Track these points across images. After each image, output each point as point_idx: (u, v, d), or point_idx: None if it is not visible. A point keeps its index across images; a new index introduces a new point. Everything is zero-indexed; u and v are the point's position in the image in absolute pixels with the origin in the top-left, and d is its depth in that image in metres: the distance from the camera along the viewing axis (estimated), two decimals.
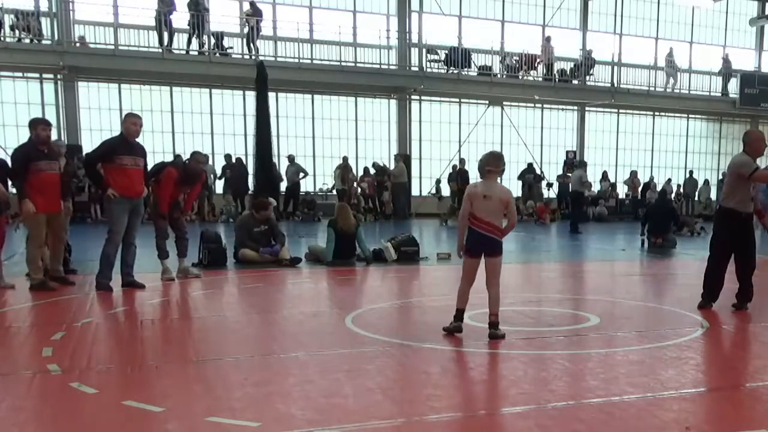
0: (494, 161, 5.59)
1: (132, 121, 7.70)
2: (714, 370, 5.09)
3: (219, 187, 20.72)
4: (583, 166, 18.98)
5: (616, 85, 25.44)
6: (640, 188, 25.18)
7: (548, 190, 25.00)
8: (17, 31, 18.97)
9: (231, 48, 20.94)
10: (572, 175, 18.91)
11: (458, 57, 23.00)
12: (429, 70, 23.26)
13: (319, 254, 10.48)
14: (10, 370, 4.50)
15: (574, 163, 22.09)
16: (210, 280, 8.65)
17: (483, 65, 23.75)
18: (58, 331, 5.55)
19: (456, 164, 22.67)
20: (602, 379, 4.50)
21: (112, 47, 19.77)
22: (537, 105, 25.47)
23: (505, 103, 24.86)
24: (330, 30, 21.73)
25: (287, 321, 6.38)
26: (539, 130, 25.83)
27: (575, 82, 25.27)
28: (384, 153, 23.35)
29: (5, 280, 7.75)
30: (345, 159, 21.46)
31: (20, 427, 3.56)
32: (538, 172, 24.82)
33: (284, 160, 21.23)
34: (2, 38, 18.73)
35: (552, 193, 24.92)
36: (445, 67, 23.39)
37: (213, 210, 20.00)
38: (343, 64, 21.87)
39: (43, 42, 19.34)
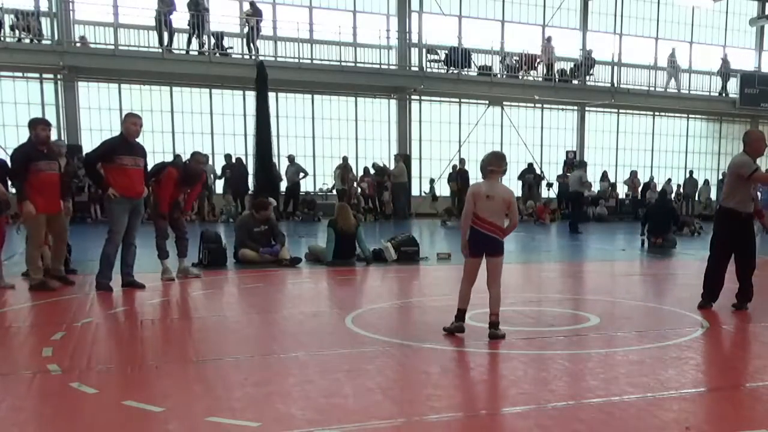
0: (497, 161, 5.59)
1: (132, 121, 7.69)
2: (714, 370, 5.09)
3: (219, 187, 20.74)
4: (583, 166, 18.97)
5: (616, 85, 25.45)
6: (640, 188, 25.19)
7: (548, 190, 25.01)
8: (17, 31, 18.98)
9: (231, 48, 20.95)
10: (572, 175, 18.90)
11: (458, 57, 23.01)
12: (429, 70, 23.27)
13: (319, 254, 10.48)
14: (10, 370, 4.49)
15: (574, 163, 22.08)
16: (210, 280, 8.65)
17: (483, 65, 23.75)
18: (58, 331, 5.55)
19: (456, 164, 22.68)
20: (602, 379, 4.49)
21: (112, 47, 19.79)
22: (537, 105, 25.48)
23: (505, 103, 24.87)
24: (330, 30, 21.74)
25: (287, 321, 6.38)
26: (539, 130, 25.83)
27: (575, 82, 25.27)
28: (384, 153, 23.36)
29: (5, 280, 7.75)
30: (345, 159, 21.47)
31: (20, 427, 3.56)
32: (538, 172, 24.83)
33: (284, 160, 21.24)
34: (2, 38, 18.75)
35: (552, 193, 24.93)
36: (445, 67, 23.40)
37: (213, 210, 20.01)
38: (343, 64, 21.88)
39: (43, 42, 19.35)
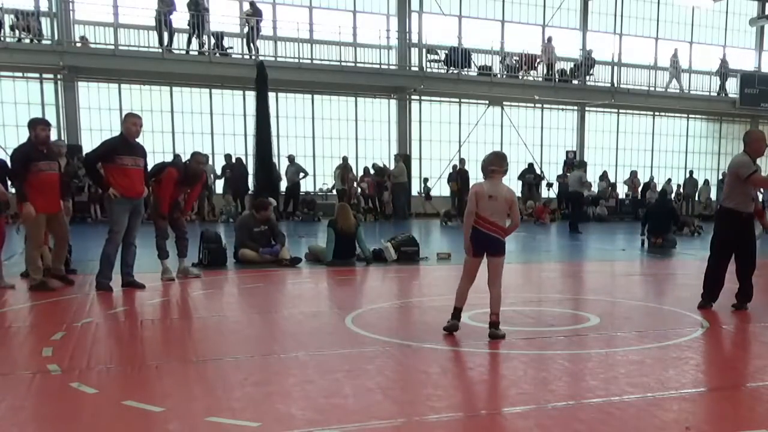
0: (498, 161, 5.59)
1: (132, 121, 7.69)
2: (714, 370, 5.09)
3: (219, 187, 20.74)
4: (583, 166, 18.97)
5: (616, 85, 25.45)
6: (640, 188, 25.20)
7: (548, 190, 25.01)
8: (17, 31, 18.99)
9: (231, 48, 20.96)
10: (571, 175, 18.89)
11: (458, 57, 23.01)
12: (429, 70, 23.28)
13: (319, 254, 10.48)
14: (10, 370, 4.49)
15: (573, 163, 22.08)
16: (210, 280, 8.65)
17: (483, 65, 23.75)
18: (58, 331, 5.55)
19: (456, 164, 22.68)
20: (602, 379, 4.49)
21: (112, 47, 19.79)
22: (537, 105, 25.48)
23: (505, 103, 24.87)
24: (330, 30, 21.74)
25: (287, 321, 6.37)
26: (539, 130, 25.83)
27: (575, 82, 25.27)
28: (384, 153, 23.36)
29: (5, 280, 7.75)
30: (345, 159, 21.48)
31: (20, 427, 3.55)
32: (539, 172, 24.83)
33: (284, 160, 21.25)
34: (2, 38, 18.75)
35: (552, 193, 24.93)
36: (445, 67, 23.40)
37: (213, 210, 20.02)
38: (343, 64, 21.89)
39: (43, 42, 19.35)
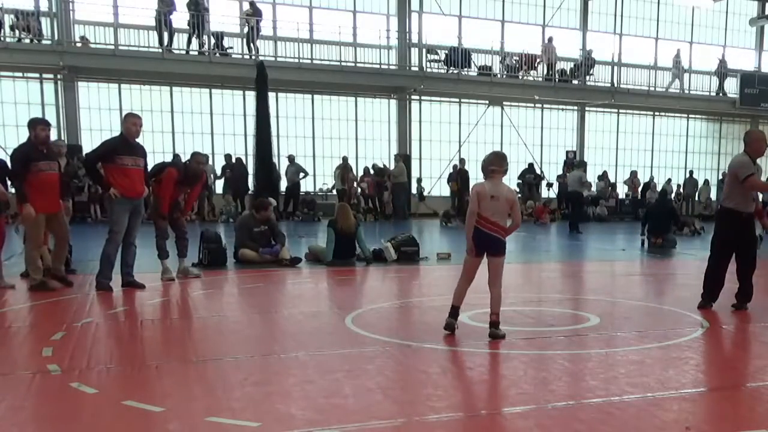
0: (498, 161, 5.59)
1: (132, 121, 7.69)
2: (714, 370, 5.09)
3: (219, 187, 20.74)
4: (583, 165, 18.96)
5: (616, 85, 25.44)
6: (640, 188, 25.19)
7: (548, 190, 25.01)
8: (17, 31, 18.98)
9: (231, 48, 20.96)
10: (571, 175, 18.87)
11: (458, 57, 23.01)
12: (429, 70, 23.28)
13: (319, 254, 10.48)
14: (10, 370, 4.49)
15: (573, 163, 22.09)
16: (210, 280, 8.65)
17: (483, 65, 23.75)
18: (58, 331, 5.55)
19: (456, 164, 22.68)
20: (602, 379, 4.49)
21: (112, 47, 19.79)
22: (537, 105, 25.47)
23: (505, 103, 24.87)
24: (330, 30, 21.74)
25: (287, 321, 6.37)
26: (539, 130, 25.83)
27: (575, 82, 25.26)
28: (384, 153, 23.36)
29: (5, 280, 7.75)
30: (345, 159, 21.47)
31: (20, 427, 3.55)
32: (539, 172, 24.83)
33: (284, 160, 21.25)
34: (2, 38, 18.74)
35: (552, 193, 24.93)
36: (445, 67, 23.39)
37: (213, 210, 20.01)
38: (343, 64, 21.88)
39: (43, 42, 19.35)
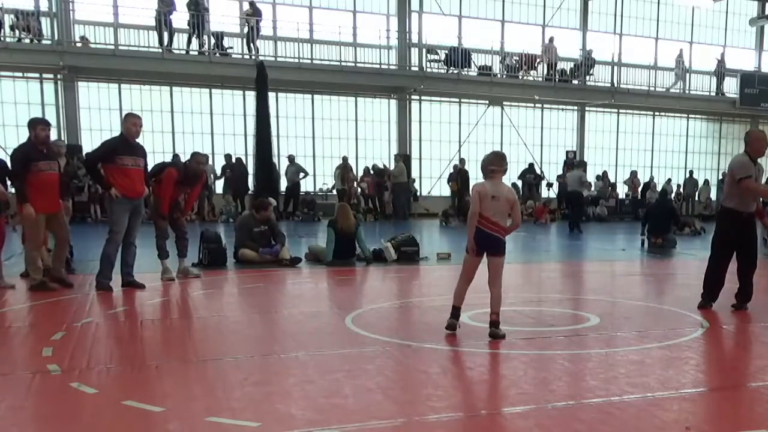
0: (498, 161, 5.59)
1: (132, 121, 7.70)
2: (714, 370, 5.09)
3: (219, 187, 20.74)
4: (583, 165, 18.95)
5: (616, 85, 25.44)
6: (640, 188, 25.19)
7: (548, 190, 25.01)
8: (17, 31, 18.98)
9: (231, 48, 20.95)
10: (570, 175, 18.85)
11: (458, 57, 23.00)
12: (429, 70, 23.27)
13: (319, 254, 10.48)
14: (10, 370, 4.49)
15: (573, 163, 22.09)
16: (210, 280, 8.65)
17: (483, 65, 23.74)
18: (58, 331, 5.55)
19: (456, 164, 22.68)
20: (602, 379, 4.49)
21: (112, 47, 19.79)
22: (537, 105, 25.47)
23: (505, 103, 24.86)
24: (330, 30, 21.73)
25: (287, 321, 6.38)
26: (539, 130, 25.82)
27: (575, 82, 25.26)
28: (384, 153, 23.35)
29: (5, 280, 7.75)
30: (345, 159, 21.47)
31: (20, 427, 3.56)
32: (539, 172, 24.82)
33: (284, 160, 21.25)
34: (2, 38, 18.74)
35: (552, 193, 24.92)
36: (445, 67, 23.39)
37: (213, 210, 20.01)
38: (343, 64, 21.87)
39: (43, 42, 19.35)
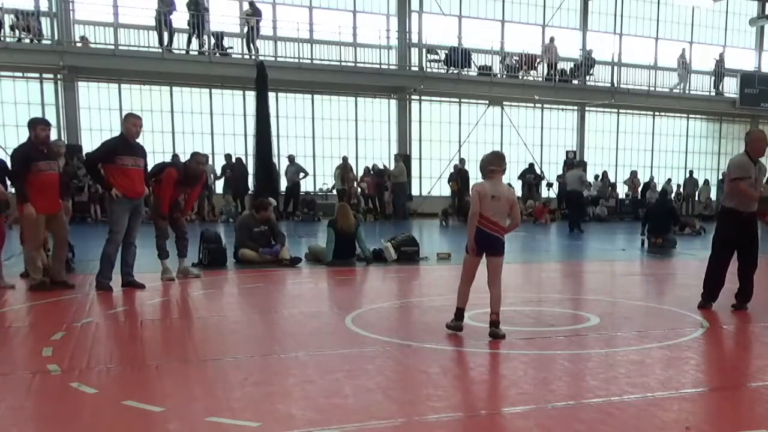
0: (497, 161, 5.59)
1: (132, 122, 7.70)
2: (714, 370, 5.09)
3: (219, 187, 20.74)
4: (582, 165, 18.94)
5: (616, 85, 25.44)
6: (640, 188, 25.19)
7: (548, 190, 25.01)
8: (17, 31, 18.98)
9: (231, 48, 20.95)
10: (570, 174, 18.84)
11: (458, 57, 23.00)
12: (429, 70, 23.27)
13: (319, 254, 10.48)
14: (10, 370, 4.49)
15: (573, 163, 22.09)
16: (210, 280, 8.65)
17: (483, 65, 23.75)
18: (58, 331, 5.55)
19: (456, 164, 22.67)
20: (602, 379, 4.49)
21: (112, 47, 19.79)
22: (537, 105, 25.47)
23: (505, 103, 24.86)
24: (330, 30, 21.74)
25: (287, 321, 6.38)
26: (539, 130, 25.82)
27: (575, 82, 25.26)
28: (384, 153, 23.36)
29: (5, 280, 7.75)
30: (345, 159, 21.47)
31: (20, 427, 3.55)
32: (539, 172, 24.82)
33: (284, 160, 21.25)
34: (2, 38, 18.74)
35: (552, 193, 24.92)
36: (445, 67, 23.39)
37: (213, 210, 20.01)
38: (343, 64, 21.88)
39: (43, 42, 19.35)
